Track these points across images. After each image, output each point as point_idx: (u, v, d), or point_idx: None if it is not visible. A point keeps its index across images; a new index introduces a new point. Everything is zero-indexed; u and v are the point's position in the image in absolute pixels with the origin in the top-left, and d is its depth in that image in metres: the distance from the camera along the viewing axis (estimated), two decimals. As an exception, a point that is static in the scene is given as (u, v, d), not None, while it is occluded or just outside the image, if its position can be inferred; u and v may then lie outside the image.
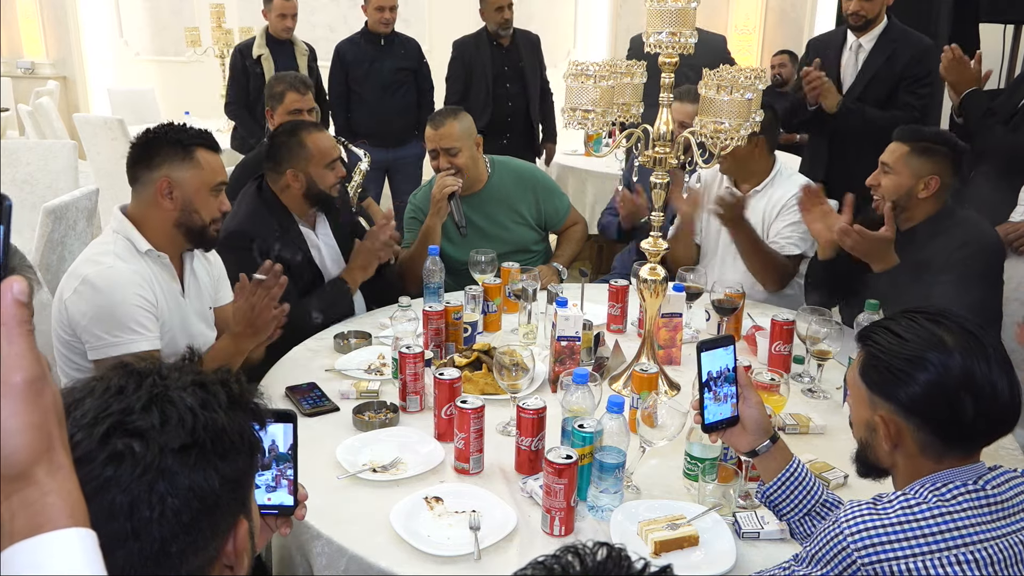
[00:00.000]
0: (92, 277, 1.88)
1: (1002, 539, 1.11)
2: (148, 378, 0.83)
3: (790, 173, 2.78)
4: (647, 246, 1.99)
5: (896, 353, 1.19)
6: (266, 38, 4.62)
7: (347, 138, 3.36)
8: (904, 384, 1.17)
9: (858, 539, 1.11)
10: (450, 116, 2.80)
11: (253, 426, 0.87)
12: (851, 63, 3.33)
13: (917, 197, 2.26)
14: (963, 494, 1.13)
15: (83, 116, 5.33)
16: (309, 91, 3.18)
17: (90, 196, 3.26)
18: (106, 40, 7.50)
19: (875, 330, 1.25)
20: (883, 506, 1.14)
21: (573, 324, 2.00)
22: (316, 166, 2.44)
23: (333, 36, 5.10)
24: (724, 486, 1.59)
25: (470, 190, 2.85)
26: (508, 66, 4.56)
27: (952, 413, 1.15)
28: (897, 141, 2.32)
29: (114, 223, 1.97)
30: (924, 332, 1.18)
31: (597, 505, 1.55)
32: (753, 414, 1.38)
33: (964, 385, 1.14)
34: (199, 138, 1.97)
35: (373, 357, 2.19)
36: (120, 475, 0.76)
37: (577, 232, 3.07)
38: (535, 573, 0.69)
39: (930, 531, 1.10)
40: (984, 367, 1.14)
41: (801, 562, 1.18)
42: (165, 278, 2.00)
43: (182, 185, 1.93)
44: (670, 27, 1.78)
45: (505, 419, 1.84)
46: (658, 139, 1.90)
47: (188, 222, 1.96)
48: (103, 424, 0.78)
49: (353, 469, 1.66)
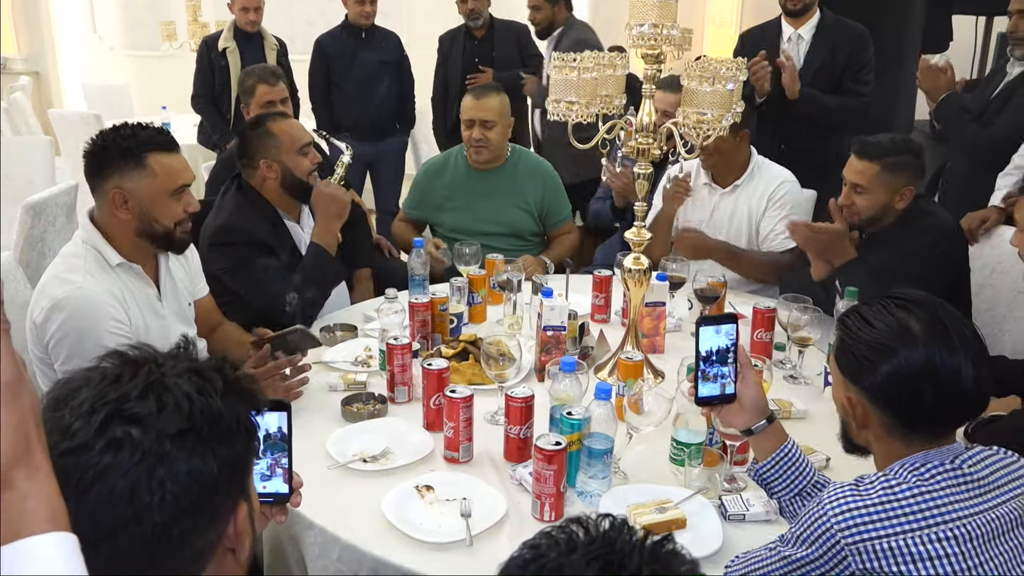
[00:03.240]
0: (61, 299, 1.81)
1: (980, 515, 1.15)
2: (144, 366, 0.83)
3: (768, 164, 2.80)
4: (631, 236, 2.01)
5: (863, 340, 1.22)
6: (234, 31, 4.58)
7: (329, 131, 3.35)
8: (868, 371, 1.21)
9: (841, 520, 1.14)
10: (493, 91, 2.94)
11: (249, 412, 0.88)
12: (794, 54, 3.32)
13: (894, 208, 2.32)
14: (941, 473, 1.17)
15: (58, 112, 5.28)
16: (280, 81, 3.16)
17: (69, 192, 3.23)
18: (79, 34, 7.41)
19: (850, 314, 1.28)
20: (865, 487, 1.17)
21: (559, 314, 2.02)
22: (288, 153, 2.41)
23: (311, 30, 5.06)
24: (710, 470, 1.62)
25: (488, 163, 2.97)
26: (479, 58, 4.55)
27: (912, 401, 1.19)
28: (862, 159, 2.30)
29: (83, 232, 1.91)
30: (892, 321, 1.21)
31: (586, 491, 1.57)
32: (751, 394, 1.40)
33: (925, 375, 1.17)
34: (151, 142, 1.85)
35: (360, 349, 2.19)
36: (119, 462, 0.77)
37: (569, 240, 3.12)
38: (543, 543, 0.71)
39: (911, 510, 1.13)
40: (947, 356, 1.17)
41: (787, 542, 1.21)
42: (139, 287, 1.95)
43: (136, 195, 1.84)
44: (652, 19, 1.80)
45: (493, 408, 1.86)
46: (641, 130, 1.92)
47: (149, 231, 1.89)
48: (100, 412, 0.79)
49: (343, 460, 1.67)
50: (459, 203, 2.99)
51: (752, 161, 2.76)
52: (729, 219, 2.76)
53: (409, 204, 3.14)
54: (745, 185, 2.74)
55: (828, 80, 3.27)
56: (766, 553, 1.24)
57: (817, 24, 3.32)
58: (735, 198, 2.75)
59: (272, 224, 2.44)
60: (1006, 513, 1.16)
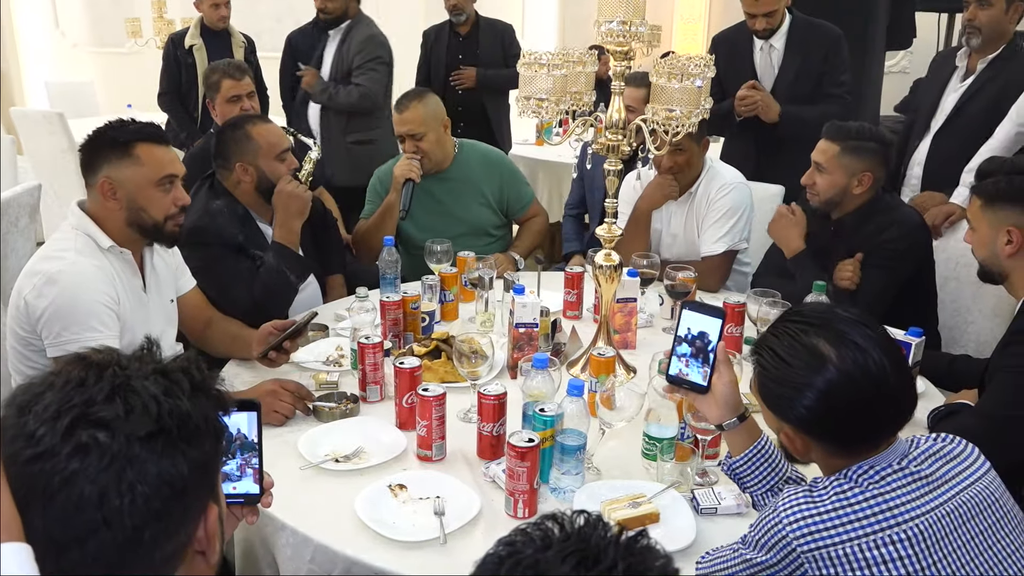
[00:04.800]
0: (54, 273, 1.83)
1: (932, 513, 1.16)
2: (108, 369, 0.82)
3: (719, 169, 2.78)
4: (602, 232, 2.02)
5: (779, 379, 1.23)
6: (201, 28, 4.52)
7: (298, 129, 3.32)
8: (791, 408, 1.22)
9: (796, 528, 1.16)
10: (414, 100, 2.81)
11: (217, 412, 0.87)
12: (767, 63, 3.26)
13: (852, 193, 2.37)
14: (891, 474, 1.18)
15: (20, 110, 5.17)
16: (245, 75, 3.13)
17: (32, 192, 3.17)
18: (41, 31, 7.27)
19: (760, 349, 1.28)
20: (818, 493, 1.19)
21: (531, 311, 2.02)
22: (265, 158, 2.40)
23: (279, 27, 5.02)
24: (682, 464, 1.63)
25: (437, 169, 2.88)
26: (464, 55, 4.55)
27: (843, 424, 1.20)
28: (827, 140, 2.39)
29: (73, 220, 1.92)
30: (800, 350, 1.21)
31: (559, 487, 1.58)
32: (725, 391, 1.42)
33: (847, 399, 1.18)
34: (139, 133, 1.90)
35: (331, 349, 2.18)
36: (87, 467, 0.76)
37: (537, 224, 3.10)
38: (518, 540, 0.71)
39: (864, 514, 1.15)
40: (862, 363, 1.18)
41: (748, 545, 1.22)
42: (127, 274, 1.97)
43: (123, 184, 1.88)
44: (621, 16, 1.81)
45: (466, 406, 1.85)
46: (610, 127, 1.92)
47: (138, 221, 1.92)
48: (66, 417, 0.77)
49: (315, 460, 1.66)
50: (416, 210, 2.83)
51: (705, 168, 2.75)
52: (684, 227, 2.79)
53: (368, 213, 2.96)
54: (697, 192, 2.75)
55: (805, 86, 3.21)
56: (730, 554, 1.26)
57: (788, 30, 3.23)
58: (688, 207, 2.76)
59: (243, 225, 2.41)
60: (957, 507, 1.18)
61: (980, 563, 1.16)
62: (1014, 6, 2.99)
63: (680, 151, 2.60)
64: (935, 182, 3.06)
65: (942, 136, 3.11)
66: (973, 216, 1.89)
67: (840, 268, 2.38)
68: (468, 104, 4.55)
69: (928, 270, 2.50)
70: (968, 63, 3.09)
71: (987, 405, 1.76)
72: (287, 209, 2.38)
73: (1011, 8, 2.99)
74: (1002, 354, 1.80)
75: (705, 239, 2.73)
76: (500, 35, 4.61)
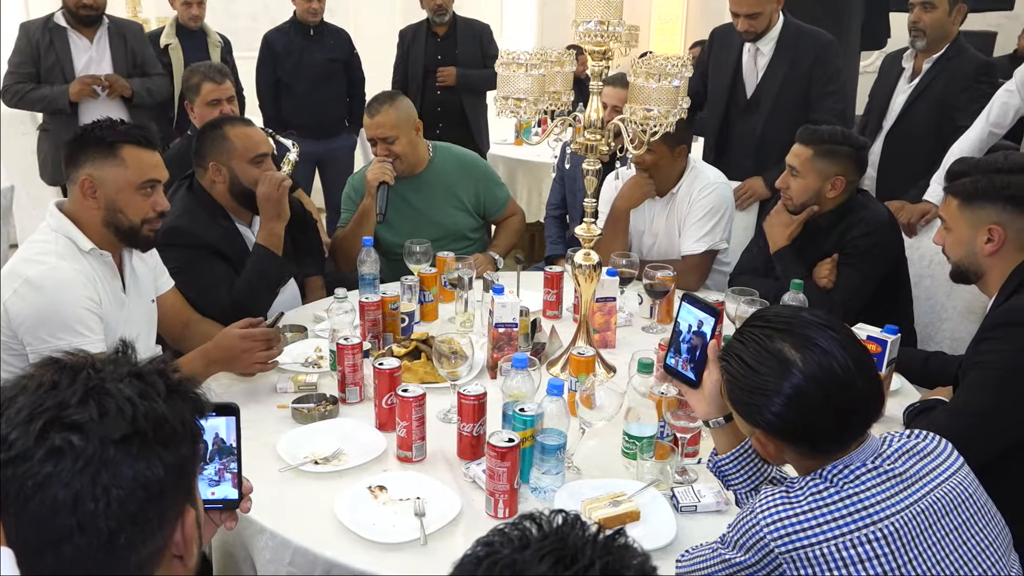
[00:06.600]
0: (34, 278, 1.81)
1: (907, 510, 1.17)
2: (82, 372, 0.81)
3: (701, 169, 2.79)
4: (581, 232, 2.02)
5: (747, 387, 1.24)
6: (176, 28, 4.48)
7: (275, 129, 3.30)
8: (760, 414, 1.23)
9: (773, 530, 1.17)
10: (385, 103, 2.78)
11: (194, 414, 0.86)
12: (751, 67, 3.24)
13: (826, 196, 2.41)
14: (865, 473, 1.19)
15: (-10, 110, 5.07)
16: (226, 79, 3.10)
17: (5, 194, 3.13)
18: (11, 28, 7.16)
19: (728, 356, 1.29)
20: (795, 494, 1.20)
21: (510, 311, 2.02)
22: (239, 160, 2.37)
23: (256, 27, 4.98)
24: (661, 463, 1.64)
25: (410, 173, 2.86)
26: (442, 56, 4.54)
27: (810, 430, 1.21)
28: (801, 144, 2.42)
29: (52, 221, 1.90)
30: (766, 355, 1.22)
31: (540, 486, 1.58)
32: (713, 390, 1.42)
33: (814, 403, 1.19)
34: (127, 135, 1.88)
35: (310, 350, 2.17)
36: (60, 470, 0.75)
37: (514, 223, 3.10)
38: (496, 540, 0.71)
39: (839, 514, 1.16)
40: (829, 378, 1.18)
41: (727, 545, 1.23)
42: (108, 276, 1.95)
43: (104, 184, 1.87)
44: (599, 16, 1.81)
45: (446, 406, 1.85)
46: (589, 127, 1.93)
47: (115, 222, 1.90)
48: (39, 420, 0.77)
49: (294, 462, 1.65)
50: (393, 215, 2.80)
51: (688, 168, 2.77)
52: (666, 227, 2.80)
53: (345, 221, 2.91)
54: (679, 193, 2.77)
55: (794, 93, 3.16)
56: (709, 553, 1.26)
57: (779, 35, 3.16)
58: (670, 207, 2.78)
59: (223, 227, 2.39)
60: (931, 504, 1.19)
61: (955, 558, 1.18)
62: (957, 8, 3.10)
63: (648, 151, 2.61)
64: (889, 181, 3.12)
65: (893, 136, 3.19)
66: (950, 216, 1.89)
67: (818, 268, 2.42)
68: (447, 105, 4.54)
69: (902, 267, 2.53)
70: (915, 64, 3.19)
71: (960, 402, 1.78)
72: (265, 213, 2.37)
73: (954, 10, 3.10)
74: (975, 351, 1.82)
75: (686, 238, 2.74)
76: (478, 35, 4.60)
